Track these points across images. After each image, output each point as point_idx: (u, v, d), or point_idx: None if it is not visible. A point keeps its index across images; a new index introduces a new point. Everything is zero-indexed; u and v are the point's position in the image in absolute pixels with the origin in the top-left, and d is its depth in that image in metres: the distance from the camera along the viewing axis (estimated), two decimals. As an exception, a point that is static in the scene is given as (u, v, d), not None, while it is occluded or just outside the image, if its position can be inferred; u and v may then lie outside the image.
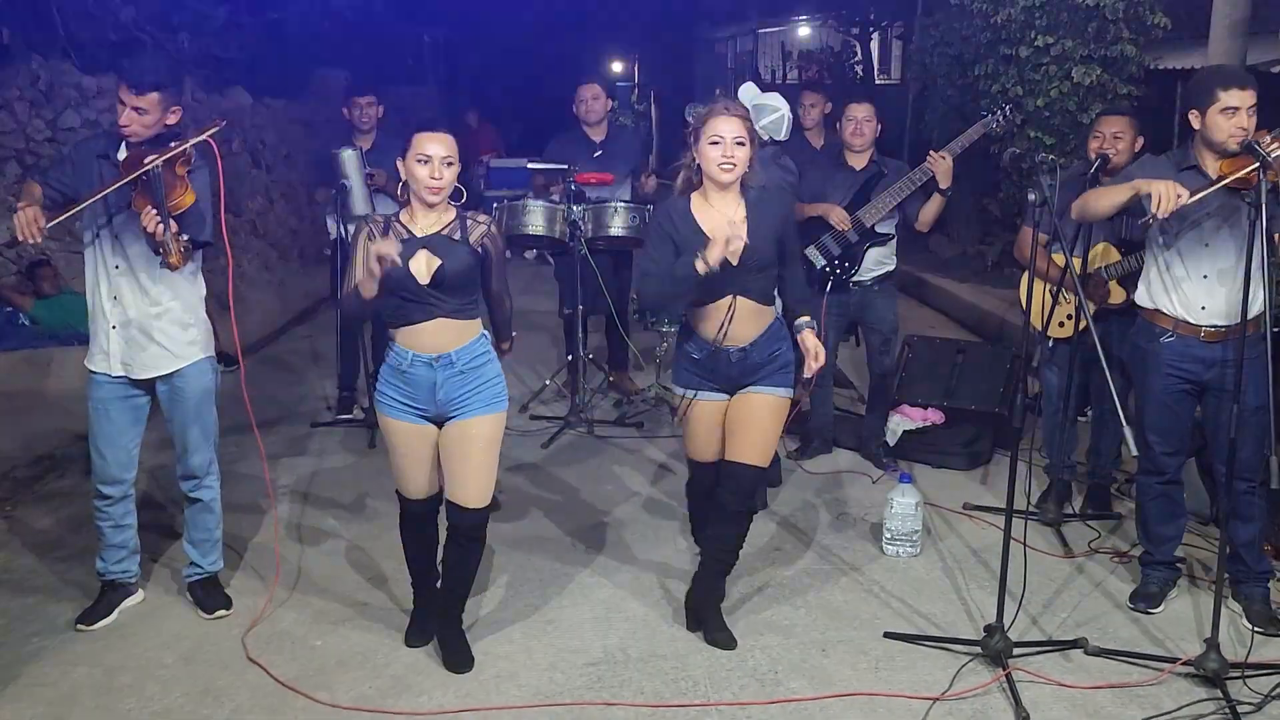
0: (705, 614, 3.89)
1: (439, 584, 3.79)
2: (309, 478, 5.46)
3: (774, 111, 5.00)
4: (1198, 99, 3.79)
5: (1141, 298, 4.06)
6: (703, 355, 3.75)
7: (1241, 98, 3.70)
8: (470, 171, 8.20)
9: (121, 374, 3.83)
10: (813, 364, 3.69)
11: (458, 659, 3.68)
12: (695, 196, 3.72)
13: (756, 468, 3.77)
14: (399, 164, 3.52)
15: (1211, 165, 3.80)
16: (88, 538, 4.09)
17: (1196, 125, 3.80)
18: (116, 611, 4.00)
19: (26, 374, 6.56)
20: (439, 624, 3.77)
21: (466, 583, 3.75)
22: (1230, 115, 3.71)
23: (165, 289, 3.80)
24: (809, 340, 3.74)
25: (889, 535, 4.55)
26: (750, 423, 3.75)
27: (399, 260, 3.38)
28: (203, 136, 3.66)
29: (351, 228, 6.13)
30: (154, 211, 3.48)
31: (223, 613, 4.01)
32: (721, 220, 3.61)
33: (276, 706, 3.48)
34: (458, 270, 3.49)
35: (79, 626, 3.91)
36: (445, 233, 3.53)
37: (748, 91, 5.05)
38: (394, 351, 3.56)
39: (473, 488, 3.58)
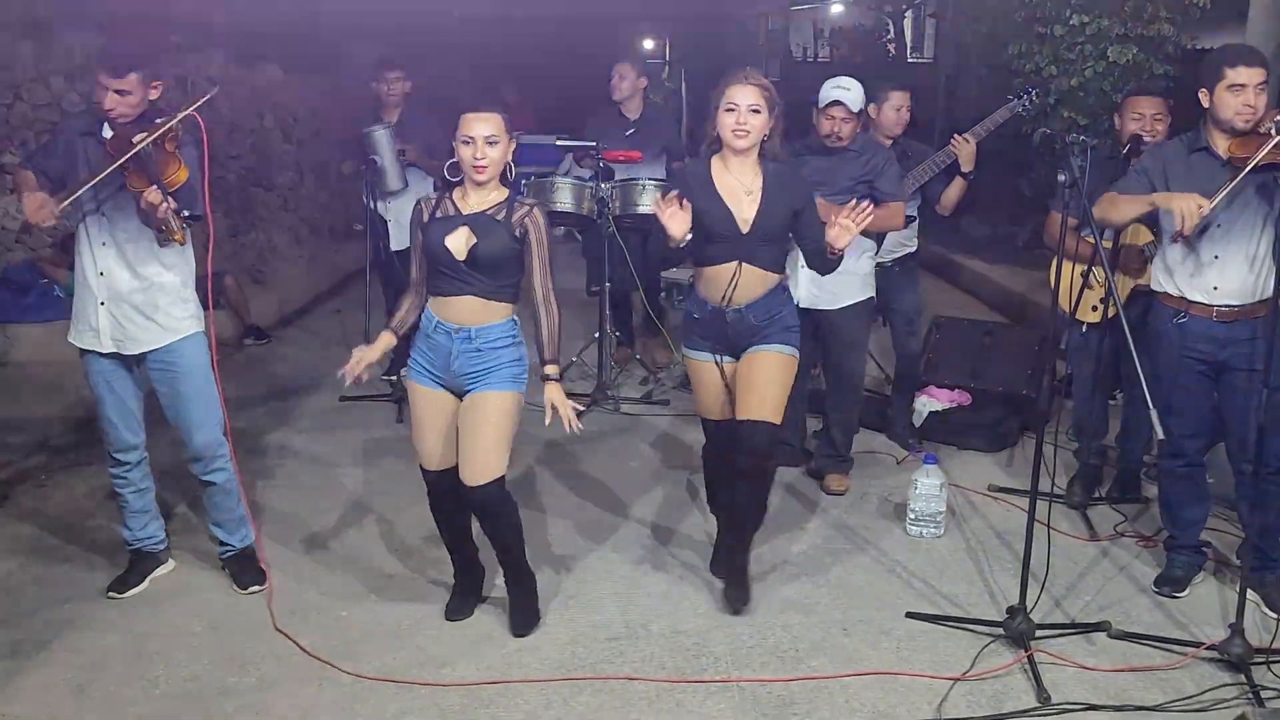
0: (727, 576, 3.97)
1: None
2: (336, 450, 5.50)
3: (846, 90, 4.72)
4: (1206, 77, 3.77)
5: (1155, 280, 4.03)
6: (703, 315, 3.82)
7: (1249, 75, 3.67)
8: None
9: (112, 349, 3.83)
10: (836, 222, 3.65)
11: (516, 621, 3.78)
12: (715, 161, 3.78)
13: (767, 424, 3.76)
14: (455, 144, 3.57)
15: (1221, 145, 3.77)
16: (119, 504, 4.14)
17: (1206, 104, 3.78)
18: (148, 580, 4.06)
19: (62, 344, 6.61)
20: (508, 588, 3.84)
21: (508, 549, 3.74)
22: (1237, 92, 3.68)
23: (154, 265, 3.79)
24: (833, 223, 3.66)
25: (913, 516, 4.55)
26: (755, 379, 3.77)
27: (361, 377, 3.67)
28: (189, 110, 3.65)
29: (385, 203, 6.22)
30: (156, 189, 3.47)
31: (256, 589, 4.04)
32: (738, 186, 3.70)
33: (302, 676, 3.53)
34: (492, 251, 3.52)
35: (111, 594, 3.98)
36: (489, 212, 3.57)
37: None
38: (425, 316, 3.65)
39: (472, 462, 3.56)
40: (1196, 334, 3.87)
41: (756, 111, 3.64)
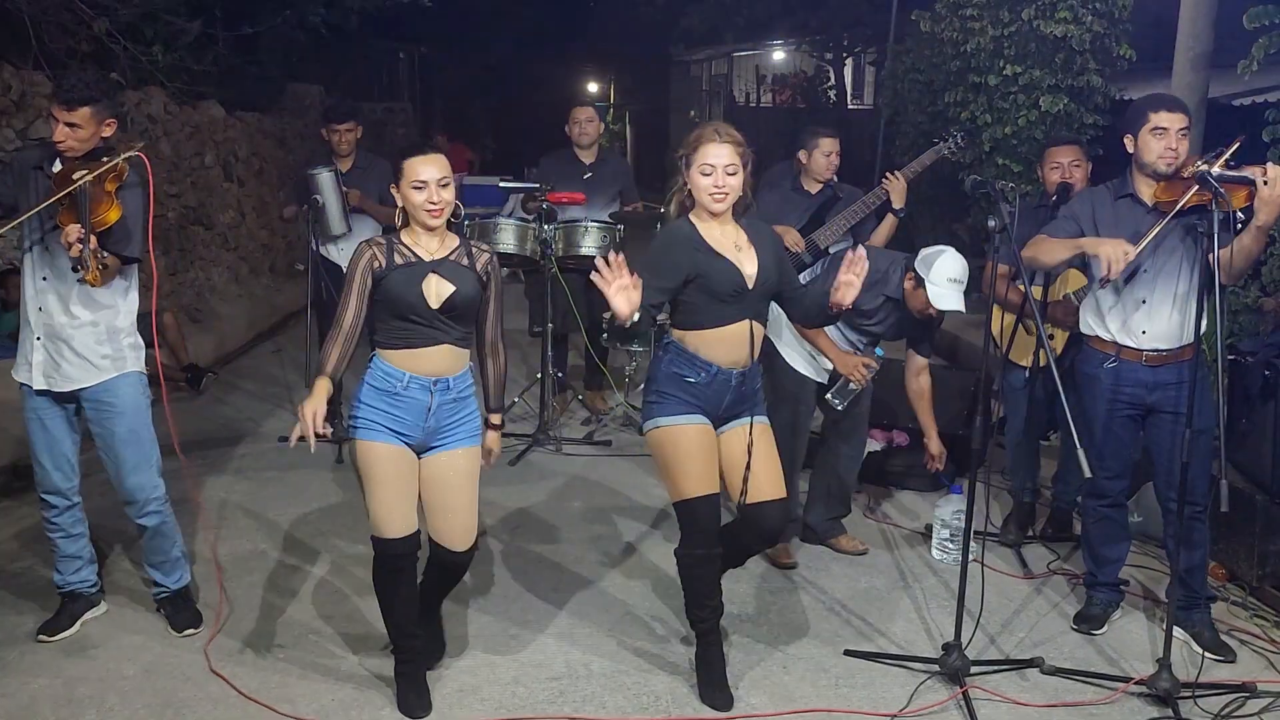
0: (717, 679, 3.65)
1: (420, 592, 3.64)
2: (275, 490, 5.45)
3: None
4: (1130, 123, 3.86)
5: (1084, 324, 4.11)
6: (701, 380, 3.50)
7: (1171, 119, 3.75)
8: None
9: (44, 386, 3.78)
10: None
11: (432, 648, 3.75)
12: (695, 220, 3.55)
13: (784, 501, 3.64)
14: (393, 190, 3.42)
15: (1146, 191, 3.85)
16: (50, 548, 4.07)
17: (1130, 149, 3.87)
18: (79, 623, 3.98)
19: (-8, 383, 6.53)
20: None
21: (442, 599, 3.76)
22: (1160, 136, 3.76)
23: (89, 303, 3.75)
24: (839, 284, 3.53)
25: (940, 539, 4.68)
26: (763, 456, 3.59)
27: (326, 433, 3.45)
28: (133, 152, 3.63)
29: (331, 246, 6.19)
30: (76, 227, 3.42)
31: (191, 631, 3.97)
32: (728, 244, 3.49)
33: (238, 718, 3.48)
34: (469, 296, 3.41)
35: (40, 638, 3.89)
36: (453, 258, 3.44)
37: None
38: (384, 373, 3.39)
39: (461, 526, 3.47)
40: (1126, 378, 3.94)
41: (733, 173, 3.44)
